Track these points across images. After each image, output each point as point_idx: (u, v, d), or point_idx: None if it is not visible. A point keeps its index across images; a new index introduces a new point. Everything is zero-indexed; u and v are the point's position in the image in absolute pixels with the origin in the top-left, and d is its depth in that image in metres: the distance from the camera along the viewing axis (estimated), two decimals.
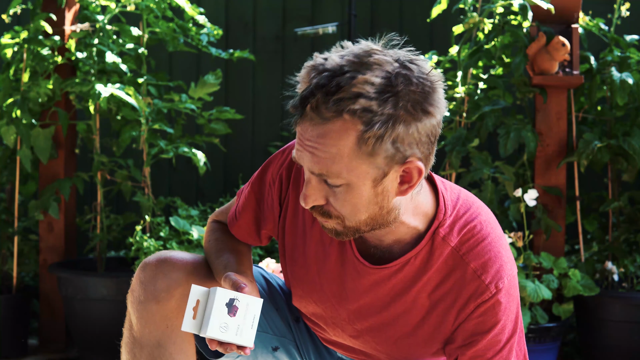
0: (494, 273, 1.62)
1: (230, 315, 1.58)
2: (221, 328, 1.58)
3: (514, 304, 1.65)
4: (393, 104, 1.46)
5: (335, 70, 1.48)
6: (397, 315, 1.68)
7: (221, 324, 1.58)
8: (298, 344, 1.88)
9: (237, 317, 1.59)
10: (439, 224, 1.63)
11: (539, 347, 3.06)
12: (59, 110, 3.47)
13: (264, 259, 3.11)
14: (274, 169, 1.76)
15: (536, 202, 3.21)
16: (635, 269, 3.36)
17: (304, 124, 1.50)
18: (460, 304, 1.63)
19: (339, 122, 1.47)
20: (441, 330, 1.66)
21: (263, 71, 4.26)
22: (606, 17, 3.60)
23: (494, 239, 1.64)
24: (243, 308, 1.59)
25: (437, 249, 1.63)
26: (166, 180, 4.28)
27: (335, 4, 4.24)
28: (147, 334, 1.75)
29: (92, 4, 3.53)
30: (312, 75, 1.51)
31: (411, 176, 1.53)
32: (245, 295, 1.60)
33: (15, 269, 3.55)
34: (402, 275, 1.65)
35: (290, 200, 1.74)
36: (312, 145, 1.49)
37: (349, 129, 1.47)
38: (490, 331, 1.62)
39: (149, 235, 3.31)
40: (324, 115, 1.47)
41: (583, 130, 3.37)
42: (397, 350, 1.73)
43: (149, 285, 1.74)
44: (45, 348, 3.61)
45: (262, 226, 1.79)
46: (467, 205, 1.66)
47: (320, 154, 1.49)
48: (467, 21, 3.35)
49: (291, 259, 1.75)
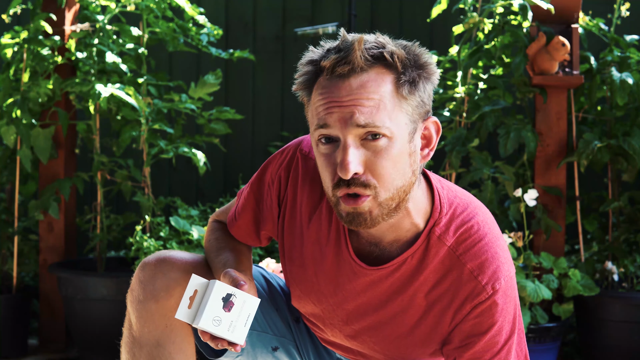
0: (490, 274, 1.61)
1: (225, 310, 1.59)
2: (214, 321, 1.58)
3: (511, 305, 1.64)
4: (415, 56, 1.56)
5: (349, 37, 1.56)
6: (394, 314, 1.68)
7: (214, 317, 1.58)
8: (298, 344, 1.88)
9: (232, 313, 1.59)
10: (435, 223, 1.63)
11: (539, 347, 3.06)
12: (59, 110, 3.47)
13: (264, 259, 3.11)
14: (272, 169, 1.77)
15: (536, 202, 3.21)
16: (635, 269, 3.36)
17: (337, 83, 1.52)
18: (456, 304, 1.62)
19: (374, 69, 1.52)
20: (438, 330, 1.66)
21: (263, 71, 4.26)
22: (606, 17, 3.60)
23: (491, 240, 1.64)
24: (239, 305, 1.59)
25: (433, 248, 1.63)
26: (166, 180, 4.28)
27: (335, 4, 4.24)
28: (146, 334, 1.75)
29: (92, 4, 3.53)
30: (328, 46, 1.57)
31: (431, 136, 1.59)
32: (242, 293, 1.60)
33: (15, 269, 3.55)
34: (399, 274, 1.65)
35: (289, 200, 1.74)
36: (353, 98, 1.51)
37: (385, 74, 1.53)
38: (487, 333, 1.62)
39: (149, 235, 3.31)
40: (360, 66, 1.51)
41: (583, 130, 3.37)
42: (395, 350, 1.72)
43: (148, 285, 1.74)
44: (45, 348, 3.61)
45: (262, 227, 1.79)
46: (464, 204, 1.66)
47: (364, 103, 1.51)
48: (467, 21, 3.35)
49: (289, 259, 1.75)
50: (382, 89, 1.52)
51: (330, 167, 1.55)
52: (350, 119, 1.50)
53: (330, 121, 1.52)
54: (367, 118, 1.50)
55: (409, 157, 1.55)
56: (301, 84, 1.59)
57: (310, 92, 1.58)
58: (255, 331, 1.82)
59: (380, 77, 1.52)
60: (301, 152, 1.74)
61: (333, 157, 1.54)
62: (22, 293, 3.54)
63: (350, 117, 1.50)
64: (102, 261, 3.54)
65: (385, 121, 1.51)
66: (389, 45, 1.54)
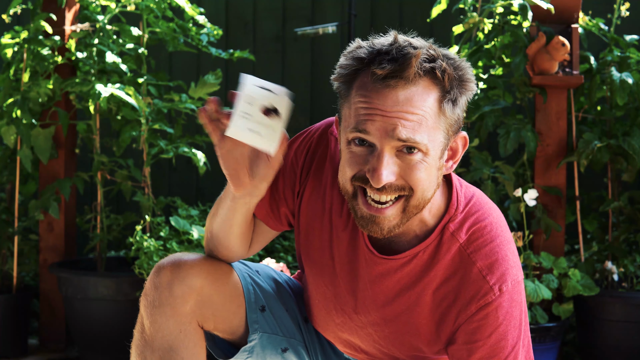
0: (499, 275, 1.61)
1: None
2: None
3: (517, 310, 1.63)
4: (461, 74, 1.54)
5: (395, 41, 1.53)
6: (400, 311, 1.68)
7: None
8: (307, 344, 1.87)
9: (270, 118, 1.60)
10: (450, 219, 1.63)
11: (539, 347, 3.06)
12: (59, 110, 3.47)
13: (264, 259, 3.10)
14: (299, 147, 1.76)
15: (536, 202, 3.21)
16: (635, 268, 3.36)
17: (383, 91, 1.51)
18: (461, 303, 1.62)
19: (422, 82, 1.51)
20: (442, 328, 1.66)
21: (263, 71, 4.26)
22: (606, 17, 3.60)
23: (503, 242, 1.64)
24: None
25: (445, 244, 1.63)
26: (166, 180, 4.28)
27: (335, 4, 4.24)
28: (159, 338, 1.74)
29: (92, 4, 3.53)
30: (379, 46, 1.53)
31: (457, 149, 1.60)
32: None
33: (15, 269, 3.55)
34: (409, 268, 1.65)
35: (311, 180, 1.73)
36: (398, 111, 1.50)
37: (431, 89, 1.52)
38: (491, 336, 1.61)
39: (149, 235, 3.31)
40: (408, 78, 1.49)
41: (583, 130, 3.37)
42: (399, 347, 1.72)
43: (164, 291, 1.73)
44: (45, 348, 3.61)
45: (280, 204, 1.77)
46: (480, 204, 1.66)
47: (408, 117, 1.50)
48: (467, 21, 3.35)
49: (306, 239, 1.75)
50: (427, 105, 1.51)
51: (357, 165, 1.55)
52: (392, 131, 1.50)
53: (371, 129, 1.51)
54: (409, 133, 1.50)
55: (437, 171, 1.57)
56: (342, 76, 1.57)
57: (349, 87, 1.57)
58: (266, 333, 1.82)
59: (427, 91, 1.51)
60: (331, 134, 1.74)
61: (364, 159, 1.54)
62: (22, 293, 3.54)
63: (392, 129, 1.50)
64: (102, 261, 3.54)
65: (424, 138, 1.51)
66: (439, 60, 1.52)
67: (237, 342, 1.84)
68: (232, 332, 1.82)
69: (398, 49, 1.51)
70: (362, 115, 1.52)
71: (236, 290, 1.79)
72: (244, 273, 1.83)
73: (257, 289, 1.83)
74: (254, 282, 1.83)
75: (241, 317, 1.81)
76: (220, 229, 1.76)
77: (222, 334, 1.82)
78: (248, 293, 1.81)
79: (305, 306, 1.87)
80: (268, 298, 1.83)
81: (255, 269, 1.87)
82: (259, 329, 1.81)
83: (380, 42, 1.54)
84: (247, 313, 1.80)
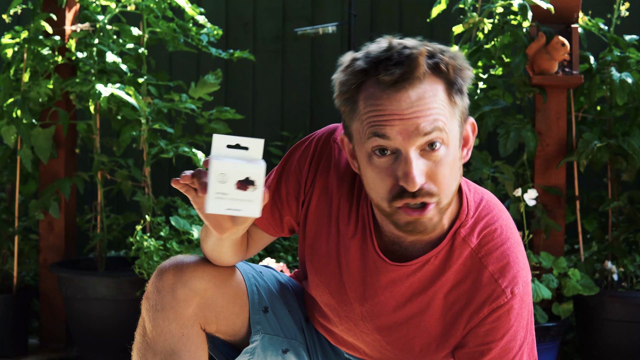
0: (510, 278, 1.61)
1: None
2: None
3: (526, 311, 1.64)
4: (460, 62, 1.57)
5: (391, 45, 1.54)
6: (411, 315, 1.67)
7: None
8: (308, 345, 1.87)
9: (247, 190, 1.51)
10: (461, 224, 1.63)
11: (539, 346, 3.05)
12: (59, 110, 3.48)
13: (264, 259, 3.11)
14: (302, 155, 1.74)
15: (536, 201, 3.21)
16: (634, 268, 3.36)
17: (394, 94, 1.51)
18: (474, 307, 1.62)
19: (428, 79, 1.52)
20: (452, 333, 1.66)
21: (263, 71, 4.26)
22: (606, 17, 3.60)
23: (513, 245, 1.64)
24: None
25: (457, 249, 1.63)
26: (166, 180, 4.28)
27: (335, 4, 4.24)
28: (161, 342, 1.73)
29: (92, 4, 3.53)
30: (374, 54, 1.54)
31: (468, 136, 1.61)
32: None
33: (15, 269, 3.55)
34: (421, 274, 1.64)
35: (317, 188, 1.72)
36: (415, 110, 1.51)
37: (437, 83, 1.53)
38: (503, 338, 1.61)
39: (149, 234, 3.31)
40: (419, 77, 1.51)
41: (583, 130, 3.37)
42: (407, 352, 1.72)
43: (167, 295, 1.72)
44: (45, 347, 3.62)
45: (284, 213, 1.76)
46: (489, 207, 1.66)
47: (426, 113, 1.51)
48: (467, 21, 3.36)
49: (311, 248, 1.74)
50: (438, 98, 1.52)
51: (388, 179, 1.53)
52: (415, 130, 1.50)
53: (392, 133, 1.51)
54: (430, 124, 1.50)
55: (459, 161, 1.58)
56: (345, 92, 1.56)
57: (355, 101, 1.56)
58: (268, 334, 1.82)
59: (434, 86, 1.52)
60: (334, 142, 1.73)
61: (391, 170, 1.53)
62: (23, 292, 3.54)
63: (414, 128, 1.50)
64: (102, 261, 3.54)
65: (443, 128, 1.52)
66: (438, 54, 1.54)
67: (238, 344, 1.84)
68: (234, 333, 1.82)
69: (398, 52, 1.52)
70: (379, 122, 1.51)
71: (239, 291, 1.79)
72: (248, 274, 1.82)
73: (261, 289, 1.82)
74: (257, 283, 1.82)
75: (244, 318, 1.80)
76: (212, 255, 1.76)
77: (223, 335, 1.82)
78: (252, 294, 1.80)
79: (307, 308, 1.87)
80: (271, 299, 1.83)
81: (259, 269, 1.87)
82: (261, 330, 1.80)
83: (375, 50, 1.54)
84: (250, 314, 1.80)
